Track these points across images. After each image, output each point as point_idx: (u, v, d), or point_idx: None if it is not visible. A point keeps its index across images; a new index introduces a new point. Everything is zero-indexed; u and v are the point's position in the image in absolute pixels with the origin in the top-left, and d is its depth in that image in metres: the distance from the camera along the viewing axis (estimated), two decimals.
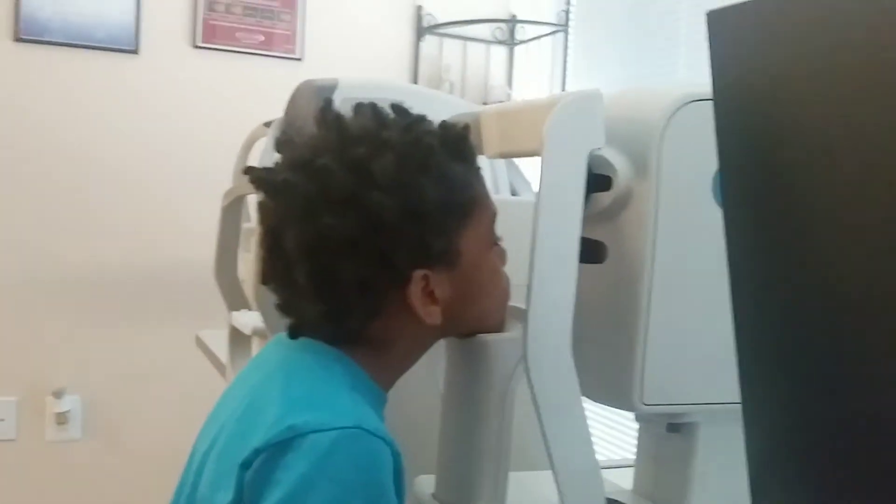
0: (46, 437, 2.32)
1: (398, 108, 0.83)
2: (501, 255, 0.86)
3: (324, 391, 0.75)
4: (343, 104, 0.84)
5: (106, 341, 2.35)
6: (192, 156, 2.38)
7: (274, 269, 0.82)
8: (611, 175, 0.78)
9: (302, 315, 0.81)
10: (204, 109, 2.41)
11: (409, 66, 2.65)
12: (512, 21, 2.70)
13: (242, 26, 2.47)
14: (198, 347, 1.99)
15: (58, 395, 2.29)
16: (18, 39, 2.25)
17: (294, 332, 0.83)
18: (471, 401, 0.87)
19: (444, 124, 0.82)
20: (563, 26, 2.61)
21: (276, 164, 0.82)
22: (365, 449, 0.70)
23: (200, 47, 2.42)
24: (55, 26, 2.28)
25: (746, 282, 0.56)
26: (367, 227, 0.75)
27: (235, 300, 1.59)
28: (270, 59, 2.49)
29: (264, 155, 1.48)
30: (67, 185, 2.31)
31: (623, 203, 0.79)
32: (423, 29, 2.65)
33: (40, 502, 2.32)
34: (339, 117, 0.81)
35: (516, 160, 1.27)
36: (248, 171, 0.84)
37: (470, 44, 2.70)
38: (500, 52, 2.75)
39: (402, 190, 0.75)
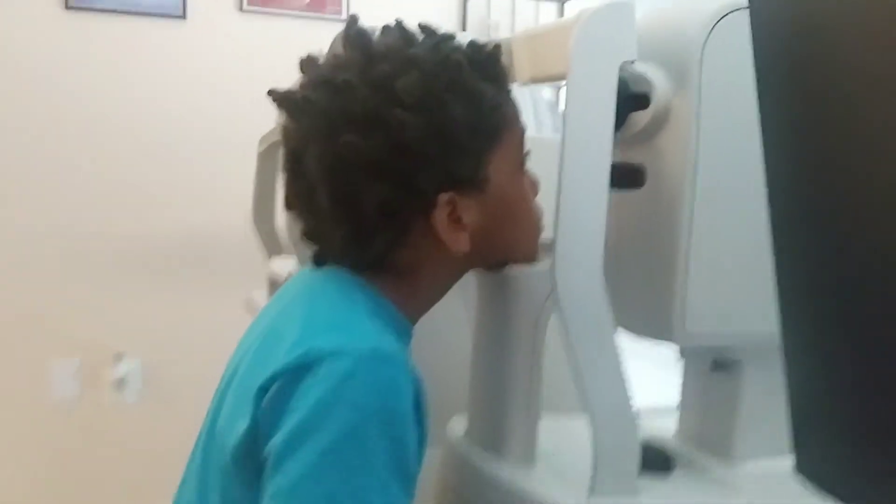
0: (106, 400, 2.37)
1: (426, 28, 0.79)
2: (533, 184, 0.82)
3: (344, 317, 0.73)
4: None
5: (163, 307, 2.38)
6: (242, 120, 2.37)
7: (297, 194, 0.79)
8: (648, 92, 0.73)
9: (326, 241, 0.79)
10: (252, 73, 2.40)
11: (458, 24, 2.61)
12: None
13: None
14: (248, 310, 1.99)
15: (118, 358, 2.33)
16: (69, 7, 2.27)
17: (318, 260, 0.80)
18: (500, 337, 0.84)
19: (473, 43, 0.78)
20: None
21: (298, 83, 0.79)
22: (384, 374, 0.67)
23: (247, 11, 2.42)
24: None
25: (784, 207, 0.52)
26: (390, 147, 0.72)
27: (274, 247, 1.58)
28: (317, 20, 2.47)
29: None
30: (118, 154, 2.34)
31: (662, 122, 0.74)
32: None
33: (98, 465, 2.36)
34: (363, 34, 0.77)
35: (560, 104, 1.23)
36: (270, 92, 0.81)
37: (518, 1, 2.64)
38: (549, 7, 2.68)
39: (427, 108, 0.72)
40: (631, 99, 0.73)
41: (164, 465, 1.21)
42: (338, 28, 1.75)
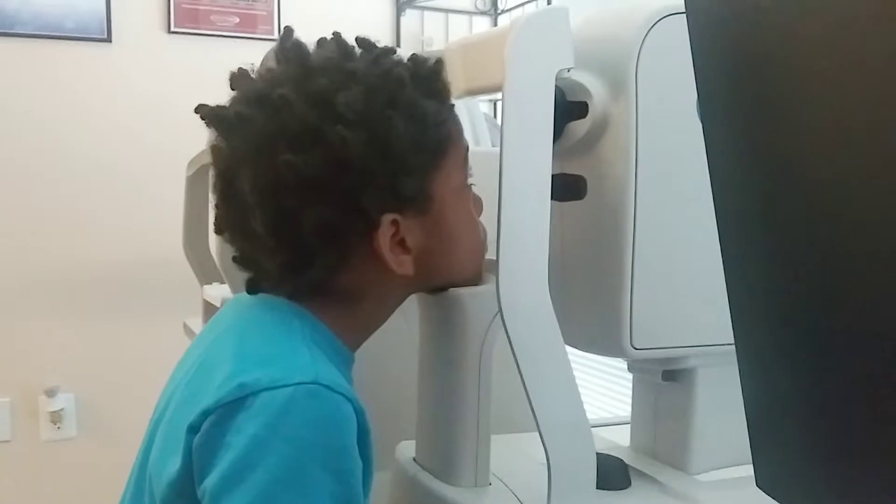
0: (42, 436, 2.29)
1: (364, 41, 0.76)
2: (477, 202, 0.80)
3: (280, 347, 0.69)
4: None
5: (96, 338, 2.31)
6: (171, 143, 2.31)
7: (228, 218, 0.75)
8: (586, 100, 0.72)
9: (261, 267, 0.75)
10: (182, 96, 2.34)
11: (391, 41, 2.59)
12: None
13: (217, 8, 2.41)
14: (186, 335, 1.94)
15: (51, 393, 2.25)
16: None
17: (252, 287, 0.77)
18: (446, 360, 0.81)
19: (414, 57, 0.75)
20: None
21: (231, 99, 0.75)
22: (324, 406, 0.64)
23: (175, 32, 2.37)
24: (24, 17, 2.23)
25: (732, 214, 0.51)
26: (331, 166, 0.68)
27: (207, 274, 1.53)
28: (248, 41, 2.43)
29: None
30: (45, 181, 2.26)
31: (601, 130, 0.73)
32: (402, 3, 2.59)
33: (38, 503, 2.27)
34: (299, 47, 0.74)
35: (497, 117, 1.22)
36: (199, 108, 0.76)
37: (452, 15, 2.64)
38: (482, 23, 2.69)
39: (369, 125, 0.69)
40: (568, 108, 0.72)
41: (106, 499, 1.16)
42: (268, 48, 1.72)
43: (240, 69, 0.76)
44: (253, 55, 2.39)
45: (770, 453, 0.52)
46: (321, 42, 0.75)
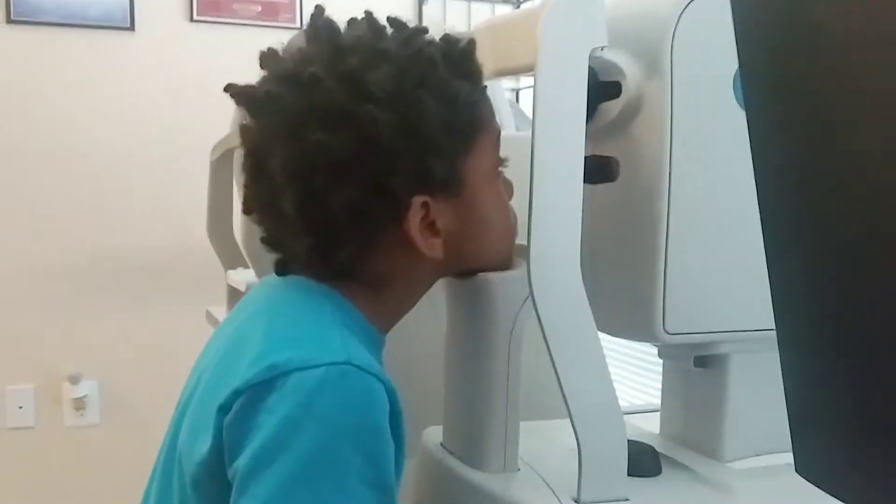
0: (65, 423, 2.30)
1: (396, 21, 0.75)
2: (507, 186, 0.79)
3: (310, 328, 0.68)
4: None
5: (119, 325, 2.32)
6: (194, 132, 2.32)
7: (257, 198, 0.74)
8: (619, 80, 0.71)
9: (289, 249, 0.74)
10: (205, 84, 2.34)
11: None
12: None
13: None
14: (208, 323, 1.94)
15: (74, 380, 2.26)
16: (11, 21, 2.20)
17: (281, 269, 0.76)
18: (475, 346, 0.80)
19: (447, 37, 0.74)
20: None
21: (260, 78, 0.74)
22: (356, 387, 0.63)
23: (197, 21, 2.37)
24: (48, 6, 2.23)
25: (776, 195, 0.49)
26: (361, 147, 0.67)
27: (231, 259, 1.53)
28: (271, 29, 2.43)
29: None
30: (69, 170, 2.27)
31: (634, 110, 0.71)
32: None
33: (60, 489, 2.29)
34: (330, 25, 0.73)
35: (521, 106, 1.20)
36: (228, 87, 0.75)
37: (475, 4, 2.62)
38: (505, 10, 2.66)
39: (400, 105, 0.68)
40: (601, 88, 0.70)
41: (130, 485, 1.17)
42: (292, 35, 1.71)
43: (269, 49, 0.76)
44: (275, 43, 2.38)
45: (811, 439, 0.51)
46: (352, 22, 0.74)
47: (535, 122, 0.67)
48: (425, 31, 0.74)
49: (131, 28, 2.30)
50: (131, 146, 2.31)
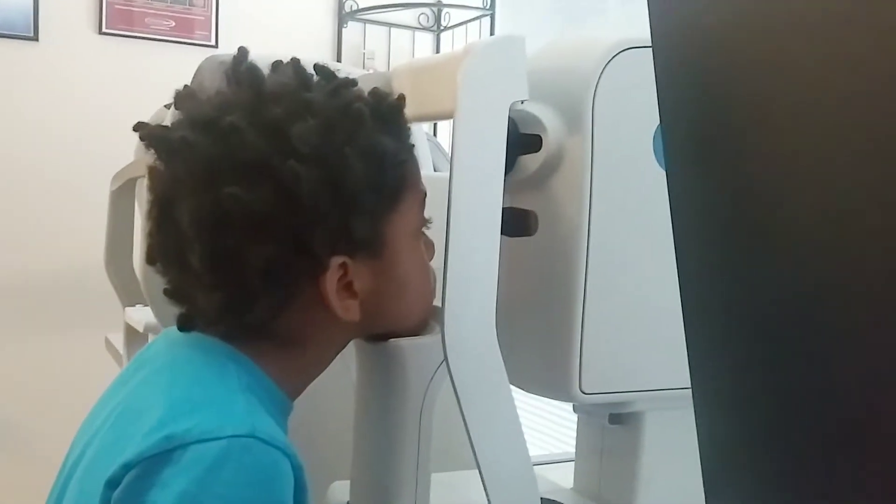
0: None
1: (323, 70, 0.71)
2: (429, 247, 0.76)
3: (212, 394, 0.64)
4: None
5: (12, 351, 2.19)
6: (99, 149, 2.22)
7: (163, 247, 0.69)
8: (540, 134, 0.69)
9: (195, 303, 0.69)
10: (111, 100, 2.26)
11: (332, 53, 2.55)
12: (437, 5, 2.62)
13: (152, 11, 2.33)
14: (107, 351, 1.85)
15: None
16: None
17: (185, 324, 0.71)
18: (385, 411, 0.77)
19: (375, 92, 0.71)
20: (489, 11, 2.54)
21: (175, 121, 0.70)
22: (260, 462, 0.59)
23: (106, 33, 2.28)
24: None
25: (695, 254, 0.49)
26: (280, 203, 0.63)
27: (130, 294, 1.46)
28: (183, 45, 2.36)
29: None
30: None
31: (554, 165, 0.70)
32: (345, 15, 2.55)
33: None
34: (253, 71, 0.69)
35: (439, 139, 1.19)
36: (138, 126, 0.71)
37: (395, 30, 2.61)
38: (425, 38, 2.66)
39: (324, 161, 0.64)
40: (521, 141, 0.69)
41: None
42: (205, 54, 1.67)
43: (186, 88, 0.71)
44: (187, 61, 2.35)
45: (724, 492, 0.50)
46: (276, 66, 0.71)
47: (452, 171, 0.65)
48: (354, 83, 0.71)
49: (34, 38, 2.20)
50: (31, 161, 2.20)
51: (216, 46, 2.35)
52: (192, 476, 0.57)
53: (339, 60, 2.54)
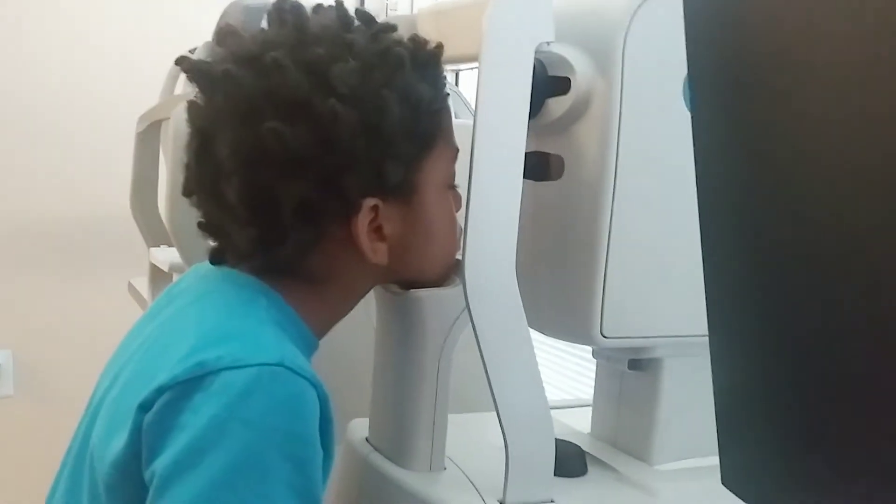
0: None
1: (364, 14, 0.72)
2: (458, 201, 0.77)
3: (243, 325, 0.65)
4: None
5: (36, 294, 2.23)
6: (121, 94, 2.23)
7: (200, 180, 0.70)
8: (569, 76, 0.69)
9: (228, 238, 0.71)
10: (136, 44, 2.26)
11: (355, 2, 2.53)
12: None
13: None
14: (130, 295, 1.88)
15: None
16: None
17: (216, 258, 0.73)
18: (405, 360, 0.79)
19: (415, 38, 0.72)
20: None
21: (217, 56, 0.70)
22: (288, 390, 0.60)
23: None
24: None
25: (717, 202, 0.49)
26: (318, 141, 0.65)
27: (155, 236, 1.48)
28: None
29: (187, 85, 1.37)
30: None
31: (582, 108, 0.70)
32: None
33: None
34: (298, 10, 0.70)
35: (461, 89, 1.18)
36: (180, 60, 0.72)
37: None
38: None
39: (362, 103, 0.65)
40: (549, 83, 0.69)
41: (46, 457, 1.13)
42: (228, 3, 1.66)
43: (227, 25, 0.72)
44: (213, 5, 2.33)
45: (737, 450, 0.51)
46: (319, 8, 0.72)
47: (476, 113, 0.65)
48: (394, 28, 0.72)
49: None
50: (50, 108, 2.20)
51: None
52: (222, 401, 0.58)
53: (362, 5, 2.52)
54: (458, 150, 0.75)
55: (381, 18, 0.73)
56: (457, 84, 2.32)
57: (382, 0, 2.55)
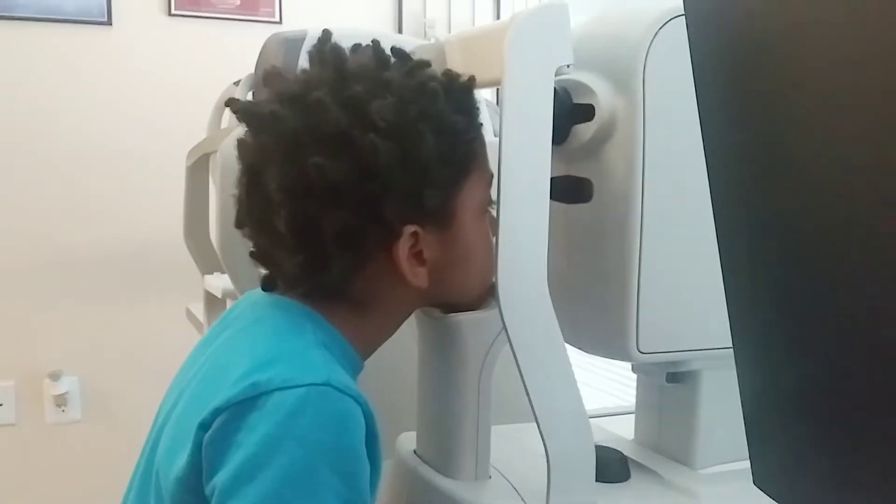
0: (46, 419, 2.29)
1: (399, 52, 0.76)
2: (493, 225, 0.80)
3: (292, 347, 0.69)
4: None
5: (100, 321, 2.31)
6: (172, 127, 2.31)
7: (250, 213, 0.75)
8: (592, 103, 0.72)
9: (278, 265, 0.75)
10: (182, 79, 2.34)
11: (393, 24, 2.57)
12: None
13: None
14: (188, 320, 1.94)
15: (55, 377, 2.25)
16: None
17: (268, 285, 0.77)
18: (447, 380, 0.82)
19: (448, 73, 0.76)
20: None
21: (263, 97, 0.75)
22: (335, 408, 0.64)
23: (175, 14, 2.35)
24: (24, 0, 2.21)
25: (731, 215, 0.51)
26: (359, 173, 0.69)
27: (208, 263, 1.53)
28: (249, 23, 2.41)
29: (233, 119, 1.42)
30: (46, 165, 2.25)
31: (607, 133, 0.72)
32: None
33: (43, 486, 2.29)
34: (337, 52, 0.75)
35: (498, 105, 1.21)
36: (230, 102, 0.77)
37: None
38: (485, 4, 2.66)
39: (400, 135, 0.69)
40: (575, 110, 0.71)
41: (112, 481, 1.18)
42: (270, 30, 1.73)
43: (273, 67, 0.77)
44: (253, 38, 2.41)
45: (766, 451, 0.52)
46: (357, 48, 0.76)
47: (501, 136, 0.68)
48: (428, 64, 0.76)
49: (108, 23, 2.28)
50: (109, 141, 2.29)
51: (280, 23, 2.40)
52: (274, 420, 0.62)
53: (399, 31, 2.56)
54: (492, 176, 0.78)
55: (412, 46, 0.77)
56: (497, 102, 2.35)
57: (420, 19, 2.59)
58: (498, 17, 2.65)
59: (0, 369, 2.25)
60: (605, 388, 1.97)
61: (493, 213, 0.80)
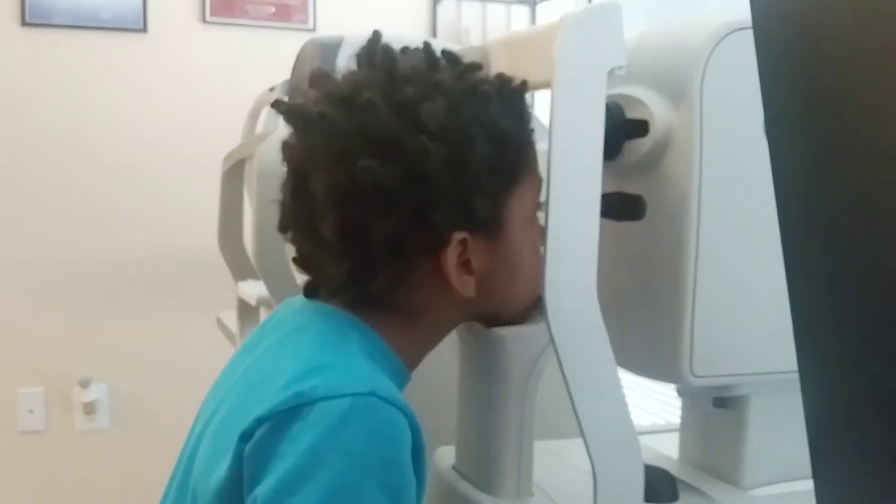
0: (76, 426, 2.30)
1: (450, 54, 0.74)
2: (542, 233, 0.78)
3: (336, 356, 0.67)
4: (350, 61, 0.76)
5: (130, 329, 2.32)
6: (207, 134, 2.32)
7: (295, 217, 0.73)
8: (647, 118, 0.69)
9: (322, 272, 0.73)
10: (217, 86, 2.35)
11: (428, 31, 2.57)
12: None
13: None
14: (219, 329, 1.94)
15: (84, 384, 2.26)
16: (25, 24, 2.20)
17: (310, 292, 0.75)
18: (489, 396, 0.79)
19: (501, 76, 0.74)
20: None
21: (310, 98, 0.73)
22: (380, 419, 0.62)
23: (210, 22, 2.36)
24: (61, 8, 2.23)
25: (800, 237, 0.49)
26: (409, 177, 0.67)
27: (242, 270, 1.53)
28: (283, 31, 2.42)
29: (269, 119, 1.42)
30: (80, 175, 2.27)
31: (662, 149, 0.70)
32: None
33: (70, 493, 2.29)
34: (388, 53, 0.72)
35: (536, 112, 1.19)
36: (276, 104, 0.75)
37: (490, 4, 2.61)
38: (521, 11, 2.65)
39: (451, 139, 0.67)
40: (627, 126, 0.69)
41: (141, 489, 1.17)
42: (304, 38, 1.72)
43: (321, 69, 0.75)
44: (288, 45, 2.42)
45: (831, 470, 0.50)
46: (406, 50, 0.74)
47: (551, 139, 0.66)
48: (480, 67, 0.74)
49: (144, 30, 2.30)
50: (144, 149, 2.31)
51: (314, 30, 2.40)
52: (318, 431, 0.60)
53: (434, 35, 2.56)
54: (541, 181, 0.76)
55: (458, 49, 0.75)
56: (532, 108, 2.34)
57: (455, 27, 2.58)
58: (533, 24, 2.64)
59: (30, 376, 2.27)
60: (645, 406, 1.95)
61: (542, 218, 0.78)
